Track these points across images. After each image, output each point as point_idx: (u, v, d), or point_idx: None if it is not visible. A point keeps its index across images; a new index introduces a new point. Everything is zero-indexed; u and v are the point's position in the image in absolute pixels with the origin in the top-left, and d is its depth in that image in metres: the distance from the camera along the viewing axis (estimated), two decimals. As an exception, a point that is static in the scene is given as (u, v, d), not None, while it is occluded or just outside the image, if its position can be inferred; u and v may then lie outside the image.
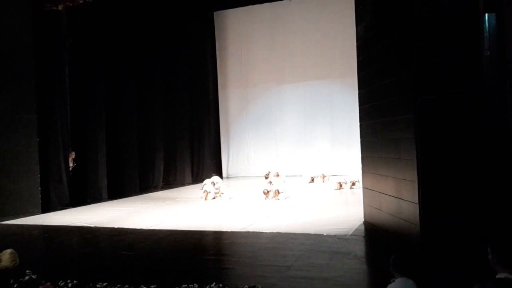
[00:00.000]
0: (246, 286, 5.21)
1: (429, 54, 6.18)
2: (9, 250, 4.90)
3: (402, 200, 6.76)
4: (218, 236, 8.54)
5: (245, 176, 19.58)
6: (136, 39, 15.66)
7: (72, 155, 13.32)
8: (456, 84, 6.03)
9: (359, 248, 7.11)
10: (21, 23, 11.60)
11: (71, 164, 13.19)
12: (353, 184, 14.30)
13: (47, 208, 11.78)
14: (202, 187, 13.56)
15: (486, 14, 5.77)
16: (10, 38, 11.47)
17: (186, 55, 18.37)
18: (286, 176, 16.09)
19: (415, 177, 6.27)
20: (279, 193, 12.60)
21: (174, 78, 17.90)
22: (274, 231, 8.27)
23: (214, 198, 13.11)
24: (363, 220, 8.75)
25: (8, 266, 4.80)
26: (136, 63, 15.78)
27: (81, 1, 11.90)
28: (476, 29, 5.87)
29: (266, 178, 15.04)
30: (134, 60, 15.68)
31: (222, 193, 13.16)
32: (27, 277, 5.54)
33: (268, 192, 12.66)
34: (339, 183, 14.52)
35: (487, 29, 5.77)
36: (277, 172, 15.49)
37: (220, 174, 17.63)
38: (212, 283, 5.27)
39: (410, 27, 6.38)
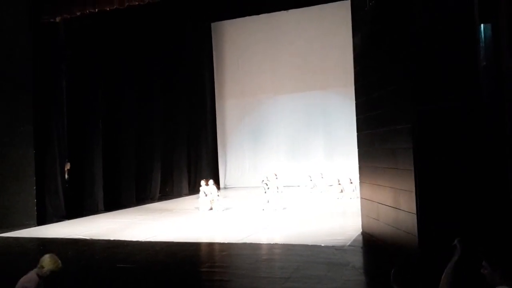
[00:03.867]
0: (243, 298, 5.17)
1: (427, 64, 6.19)
2: (47, 255, 4.85)
3: (400, 210, 6.74)
4: (215, 248, 8.49)
5: (243, 187, 19.53)
6: (133, 50, 15.70)
7: (67, 165, 13.26)
8: (453, 94, 6.04)
9: (357, 259, 7.08)
10: (19, 34, 11.62)
11: (66, 175, 13.13)
12: (351, 182, 14.29)
13: (42, 220, 11.71)
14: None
15: (482, 25, 5.80)
16: (8, 50, 11.48)
17: (184, 66, 18.41)
18: (284, 186, 16.05)
19: (412, 187, 6.25)
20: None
21: (172, 89, 17.94)
22: (272, 243, 8.22)
23: (210, 209, 13.06)
24: (361, 230, 8.71)
25: (53, 269, 4.76)
26: (133, 73, 15.80)
27: (78, 13, 11.91)
28: (472, 40, 5.90)
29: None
30: (131, 71, 15.71)
31: (218, 198, 13.13)
32: None
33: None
34: (338, 180, 14.93)
35: (483, 40, 5.80)
36: (275, 173, 15.56)
37: (217, 184, 17.55)
38: (209, 296, 5.23)
39: (408, 38, 6.41)
